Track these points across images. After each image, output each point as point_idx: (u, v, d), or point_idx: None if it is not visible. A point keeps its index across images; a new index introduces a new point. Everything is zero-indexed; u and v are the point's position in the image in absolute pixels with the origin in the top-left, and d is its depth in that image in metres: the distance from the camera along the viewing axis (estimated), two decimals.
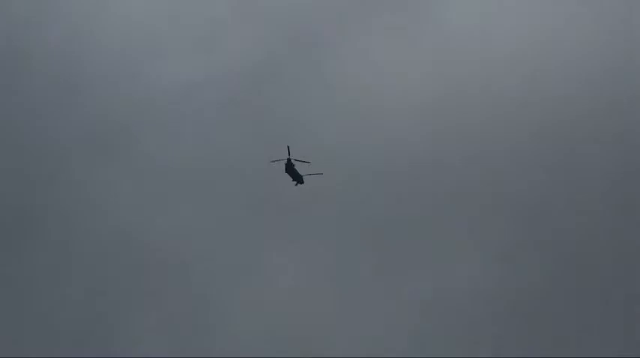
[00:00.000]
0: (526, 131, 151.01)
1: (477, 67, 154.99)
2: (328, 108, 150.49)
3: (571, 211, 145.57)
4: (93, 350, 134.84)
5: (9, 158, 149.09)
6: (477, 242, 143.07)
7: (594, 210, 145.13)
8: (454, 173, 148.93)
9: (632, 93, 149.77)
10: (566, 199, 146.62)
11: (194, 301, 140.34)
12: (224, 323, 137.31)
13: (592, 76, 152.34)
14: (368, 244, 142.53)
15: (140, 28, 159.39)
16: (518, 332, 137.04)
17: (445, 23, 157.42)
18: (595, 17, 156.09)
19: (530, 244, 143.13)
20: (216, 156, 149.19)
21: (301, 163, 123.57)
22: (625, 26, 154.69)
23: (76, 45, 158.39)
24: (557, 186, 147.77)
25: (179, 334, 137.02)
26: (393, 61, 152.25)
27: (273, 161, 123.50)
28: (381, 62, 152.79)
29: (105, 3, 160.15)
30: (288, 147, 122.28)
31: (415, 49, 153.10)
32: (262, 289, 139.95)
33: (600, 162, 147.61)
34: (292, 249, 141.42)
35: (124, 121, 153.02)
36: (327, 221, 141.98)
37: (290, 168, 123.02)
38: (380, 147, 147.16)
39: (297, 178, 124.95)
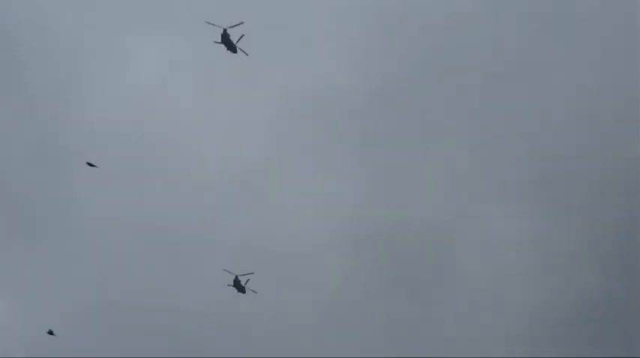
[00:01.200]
0: None
1: None
2: None
3: None
4: None
5: None
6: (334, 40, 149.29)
7: None
8: None
9: None
10: None
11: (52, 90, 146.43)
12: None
13: None
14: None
15: None
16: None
17: None
18: None
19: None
20: None
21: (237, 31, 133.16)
22: None
23: None
24: None
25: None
26: None
27: (216, 42, 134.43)
28: None
29: None
30: (225, 29, 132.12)
31: None
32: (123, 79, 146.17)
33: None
34: (151, 38, 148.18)
35: None
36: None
37: (226, 37, 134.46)
38: None
39: (231, 48, 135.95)
